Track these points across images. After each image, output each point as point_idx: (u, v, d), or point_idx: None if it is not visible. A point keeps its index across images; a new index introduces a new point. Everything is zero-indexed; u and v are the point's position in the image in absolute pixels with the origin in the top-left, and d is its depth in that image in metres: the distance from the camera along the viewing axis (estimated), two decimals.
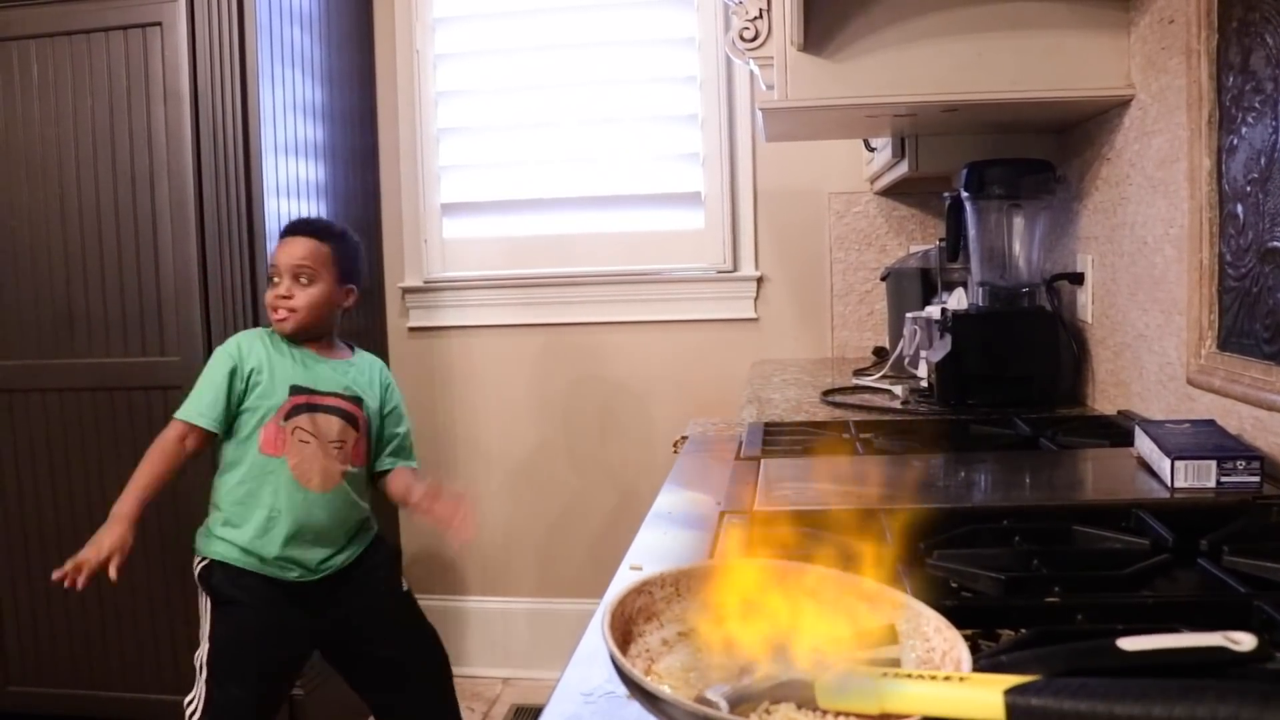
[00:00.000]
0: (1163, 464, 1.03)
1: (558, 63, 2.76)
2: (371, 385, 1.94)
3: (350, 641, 1.93)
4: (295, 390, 1.83)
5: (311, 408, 1.84)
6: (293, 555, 1.82)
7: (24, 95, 2.31)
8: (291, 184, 2.37)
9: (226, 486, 1.83)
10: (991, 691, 0.46)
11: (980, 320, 1.71)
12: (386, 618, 1.94)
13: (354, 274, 1.92)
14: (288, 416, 1.82)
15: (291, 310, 1.83)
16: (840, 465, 1.24)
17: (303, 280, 1.84)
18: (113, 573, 1.66)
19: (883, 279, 2.38)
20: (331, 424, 1.85)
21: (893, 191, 2.57)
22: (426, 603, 2.89)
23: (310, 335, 1.88)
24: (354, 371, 1.92)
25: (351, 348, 1.98)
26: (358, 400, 1.89)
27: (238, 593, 1.79)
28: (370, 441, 1.93)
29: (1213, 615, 0.68)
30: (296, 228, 1.91)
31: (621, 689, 0.55)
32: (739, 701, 0.53)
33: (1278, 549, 0.79)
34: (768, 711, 0.53)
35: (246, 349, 1.85)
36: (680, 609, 0.62)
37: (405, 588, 2.00)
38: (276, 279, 1.85)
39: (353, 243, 1.95)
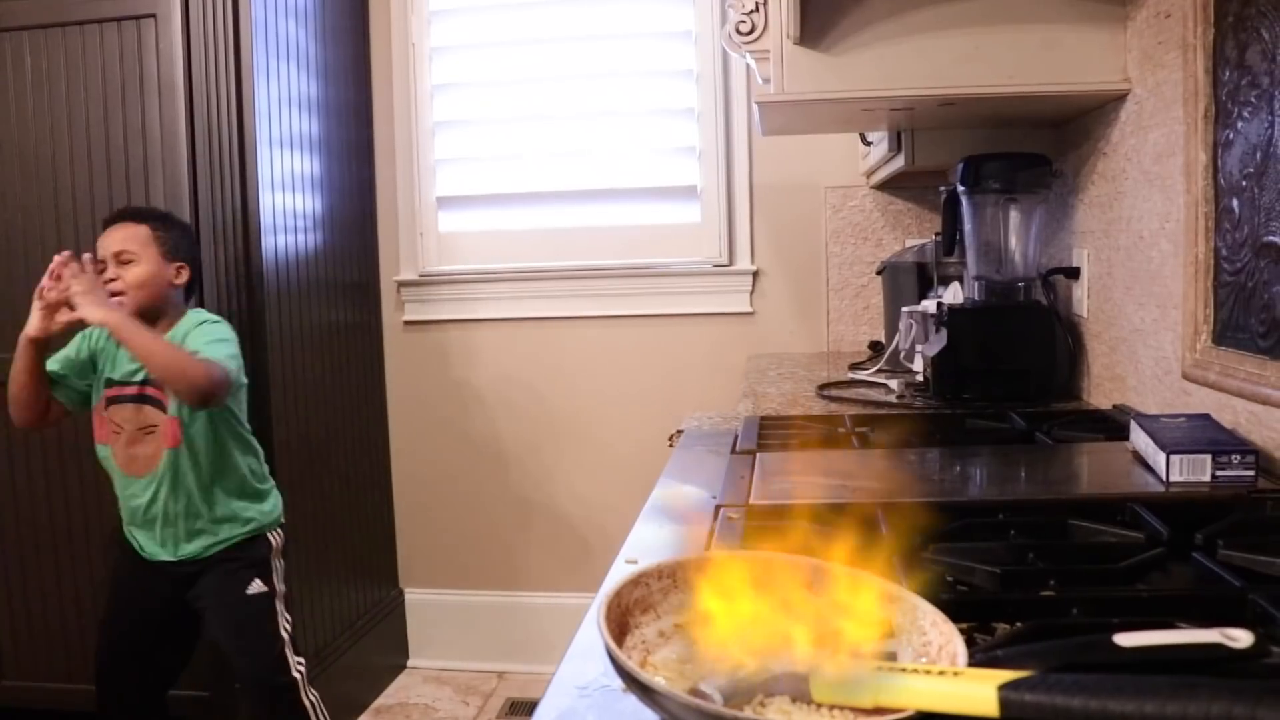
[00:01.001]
0: (1158, 458, 1.03)
1: (554, 56, 2.75)
2: None
3: (195, 620, 1.97)
4: (109, 383, 1.90)
5: (118, 399, 1.90)
6: (135, 535, 1.93)
7: (17, 87, 2.29)
8: (286, 178, 2.37)
9: None
10: (985, 686, 0.46)
11: (976, 315, 1.71)
12: (222, 615, 1.93)
13: (180, 250, 1.94)
14: (107, 406, 1.90)
15: (121, 293, 1.86)
16: (836, 459, 1.24)
17: (126, 262, 1.87)
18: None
19: (879, 273, 2.38)
20: (129, 412, 1.89)
21: (889, 185, 2.57)
22: (422, 596, 2.92)
23: (149, 317, 1.88)
24: None
25: (187, 316, 1.94)
26: (150, 381, 1.86)
27: (116, 548, 2.01)
28: (185, 417, 1.87)
29: (1208, 609, 0.68)
30: (113, 217, 1.94)
31: (617, 682, 0.55)
32: (734, 694, 0.53)
33: (1272, 542, 0.80)
34: (762, 704, 0.53)
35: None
36: (677, 600, 0.62)
37: (255, 590, 1.92)
38: (104, 270, 1.86)
39: (175, 222, 1.98)
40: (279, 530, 2.00)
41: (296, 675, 1.92)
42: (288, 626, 1.95)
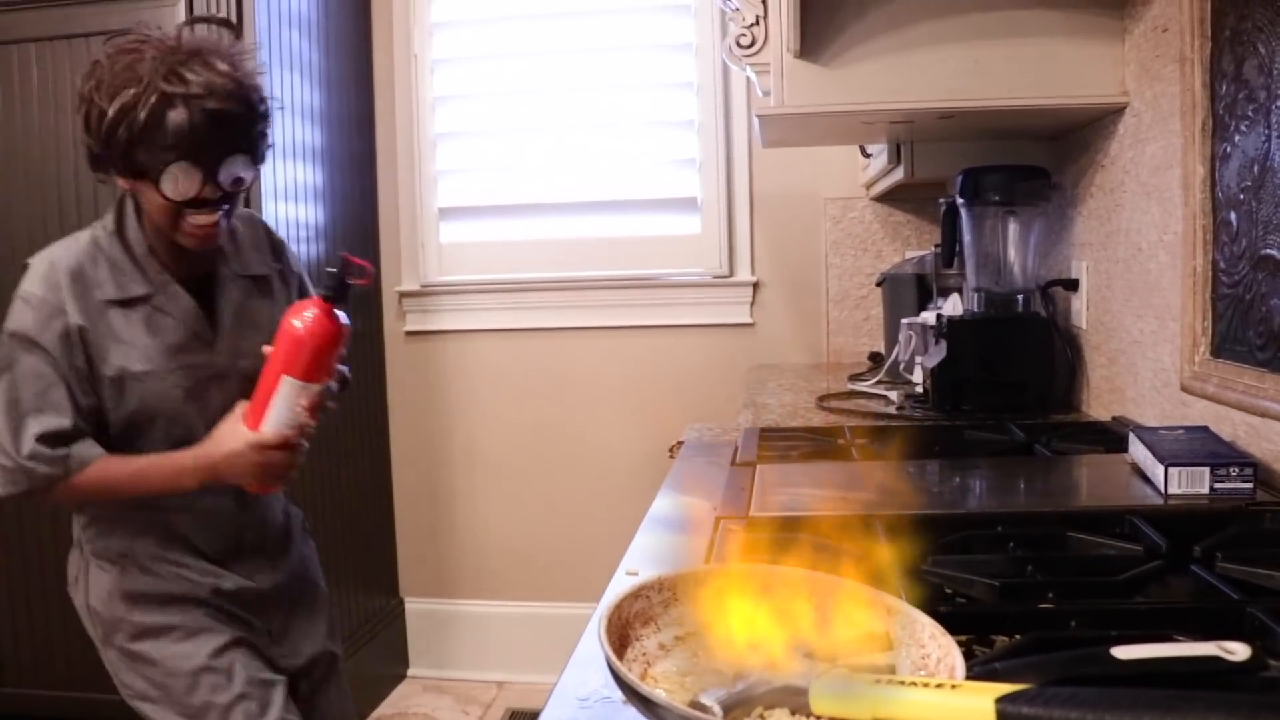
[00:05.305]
0: (1156, 470, 1.04)
1: (555, 68, 2.76)
2: None
3: None
4: None
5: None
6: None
7: (24, 99, 2.30)
8: (289, 188, 2.37)
9: None
10: (983, 699, 0.46)
11: (975, 326, 1.71)
12: None
13: None
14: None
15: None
16: (835, 470, 1.25)
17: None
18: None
19: (878, 284, 2.38)
20: None
21: (888, 197, 2.57)
22: (422, 606, 2.92)
23: None
24: None
25: None
26: None
27: None
28: None
29: (1206, 621, 0.69)
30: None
31: (618, 694, 0.55)
32: (733, 706, 0.53)
33: (1270, 555, 0.80)
34: (762, 717, 0.53)
35: None
36: (677, 613, 0.63)
37: None
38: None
39: None
40: None
41: None
42: None
